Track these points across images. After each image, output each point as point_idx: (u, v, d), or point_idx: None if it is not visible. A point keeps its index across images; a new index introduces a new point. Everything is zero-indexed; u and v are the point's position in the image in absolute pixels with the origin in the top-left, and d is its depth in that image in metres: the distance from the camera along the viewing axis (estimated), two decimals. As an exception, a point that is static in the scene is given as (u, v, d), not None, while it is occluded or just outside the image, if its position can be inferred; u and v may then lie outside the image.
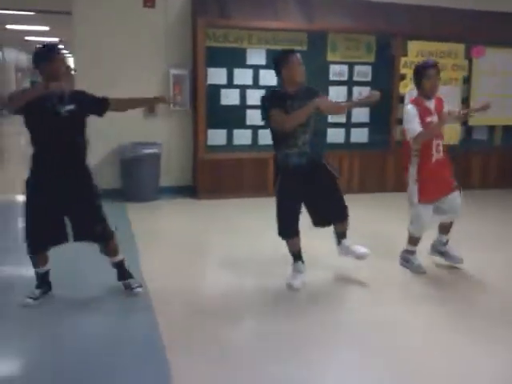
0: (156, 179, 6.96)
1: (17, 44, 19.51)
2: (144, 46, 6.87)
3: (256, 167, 7.15)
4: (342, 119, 7.53)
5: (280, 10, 7.03)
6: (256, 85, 7.13)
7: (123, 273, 4.05)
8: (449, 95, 7.71)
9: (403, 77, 7.49)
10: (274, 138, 4.08)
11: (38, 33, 15.95)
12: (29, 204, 3.72)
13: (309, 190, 4.06)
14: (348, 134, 7.63)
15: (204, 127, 6.95)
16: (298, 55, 4.02)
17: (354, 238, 4.43)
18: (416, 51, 7.44)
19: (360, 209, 6.67)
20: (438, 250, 4.76)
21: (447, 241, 4.71)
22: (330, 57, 7.36)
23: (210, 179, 7.03)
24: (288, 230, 4.14)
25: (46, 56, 3.66)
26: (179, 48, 6.98)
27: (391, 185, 7.51)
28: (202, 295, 4.08)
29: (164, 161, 7.02)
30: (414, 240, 4.64)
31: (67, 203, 3.73)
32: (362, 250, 4.27)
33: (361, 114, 7.58)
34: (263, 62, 7.11)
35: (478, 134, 8.38)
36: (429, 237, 4.72)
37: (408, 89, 7.44)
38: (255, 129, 7.21)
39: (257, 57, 7.07)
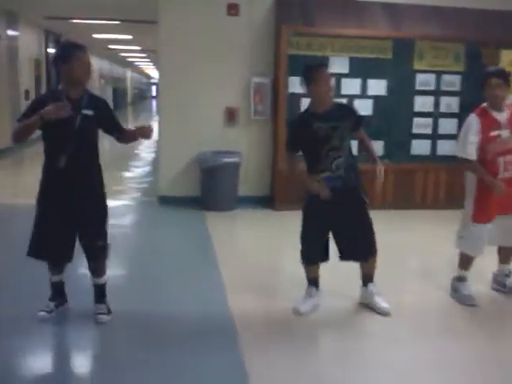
0: (235, 188, 6.91)
1: (100, 52, 20.27)
2: (228, 54, 6.86)
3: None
4: (428, 130, 7.24)
5: (364, 17, 6.84)
6: (338, 94, 6.94)
7: (102, 295, 3.70)
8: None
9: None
10: (305, 161, 3.79)
11: (122, 41, 16.50)
12: (40, 214, 3.51)
13: (337, 214, 3.71)
14: (434, 146, 7.29)
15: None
16: (327, 70, 3.75)
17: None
18: (509, 60, 7.01)
19: (443, 225, 6.43)
20: (500, 281, 4.27)
21: (510, 272, 4.24)
22: (416, 65, 7.07)
23: (288, 190, 6.88)
24: (310, 254, 3.85)
25: (63, 57, 3.41)
26: (262, 56, 6.92)
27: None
28: (281, 315, 3.87)
29: (243, 170, 6.97)
30: (465, 261, 4.12)
31: (75, 214, 3.48)
32: (383, 304, 3.85)
33: (448, 125, 7.23)
34: (346, 70, 6.92)
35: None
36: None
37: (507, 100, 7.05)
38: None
39: (340, 65, 6.87)
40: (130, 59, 25.79)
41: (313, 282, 3.93)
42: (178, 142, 6.97)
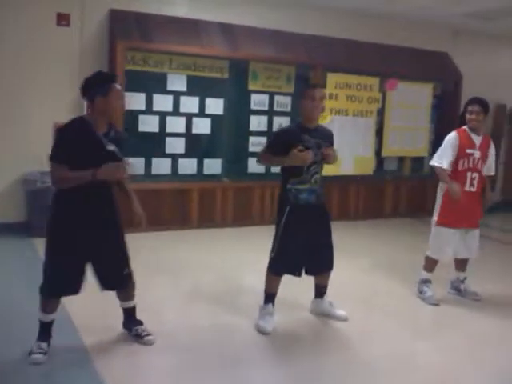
0: (68, 212, 6.36)
1: None
2: (57, 68, 6.33)
3: (176, 198, 6.82)
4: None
5: (203, 36, 6.81)
6: (176, 112, 6.83)
7: (134, 319, 3.64)
8: (364, 127, 7.92)
9: (322, 109, 7.52)
10: (286, 170, 3.94)
11: None
12: (57, 243, 3.35)
13: (310, 229, 3.92)
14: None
15: (121, 155, 6.50)
16: (318, 91, 3.97)
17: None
18: (334, 83, 7.54)
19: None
20: (456, 287, 4.85)
21: (465, 278, 4.82)
22: (251, 85, 7.24)
23: (126, 211, 6.55)
24: (284, 265, 3.92)
25: (102, 89, 3.21)
26: (95, 70, 6.47)
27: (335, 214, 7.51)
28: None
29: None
30: (428, 263, 4.69)
31: (97, 243, 3.34)
32: (340, 312, 4.18)
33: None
34: (184, 88, 6.83)
35: (388, 165, 8.63)
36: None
37: (326, 120, 7.51)
38: (175, 157, 6.90)
39: (177, 83, 6.78)
40: None
41: (270, 298, 3.98)
42: (-1, 162, 6.24)
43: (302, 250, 3.92)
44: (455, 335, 4.05)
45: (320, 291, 4.20)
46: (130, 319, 3.65)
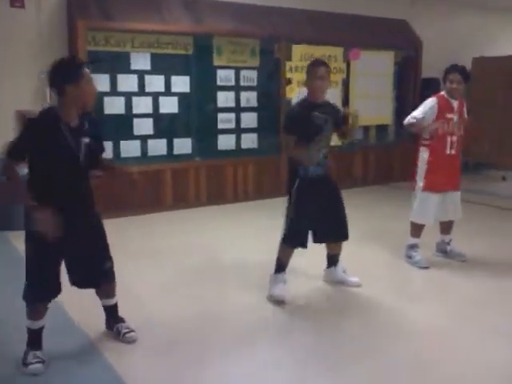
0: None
1: None
2: (14, 52, 6.04)
3: (148, 180, 6.66)
4: (232, 125, 7.35)
5: (165, 13, 6.62)
6: (142, 91, 6.64)
7: (116, 317, 3.44)
8: (331, 98, 7.88)
9: (289, 81, 7.50)
10: (296, 145, 3.93)
11: None
12: (32, 241, 3.00)
13: (321, 200, 3.97)
14: (239, 140, 7.44)
15: (88, 140, 6.29)
16: (323, 68, 3.95)
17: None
18: (299, 55, 7.49)
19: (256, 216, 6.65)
20: (442, 249, 4.98)
21: (450, 240, 4.94)
22: (216, 61, 7.10)
23: (96, 196, 6.37)
24: (298, 238, 3.98)
25: (70, 75, 2.88)
26: (54, 53, 6.16)
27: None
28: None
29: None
30: (415, 229, 4.78)
31: (73, 238, 3.04)
32: (354, 279, 4.29)
33: (249, 119, 7.45)
34: (148, 66, 6.64)
35: (355, 135, 8.67)
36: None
37: (294, 93, 7.48)
38: (144, 139, 6.73)
39: (141, 61, 6.58)
40: None
41: (282, 267, 4.04)
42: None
43: (314, 223, 3.98)
44: (447, 297, 4.14)
45: (333, 259, 4.30)
46: (113, 317, 3.45)
